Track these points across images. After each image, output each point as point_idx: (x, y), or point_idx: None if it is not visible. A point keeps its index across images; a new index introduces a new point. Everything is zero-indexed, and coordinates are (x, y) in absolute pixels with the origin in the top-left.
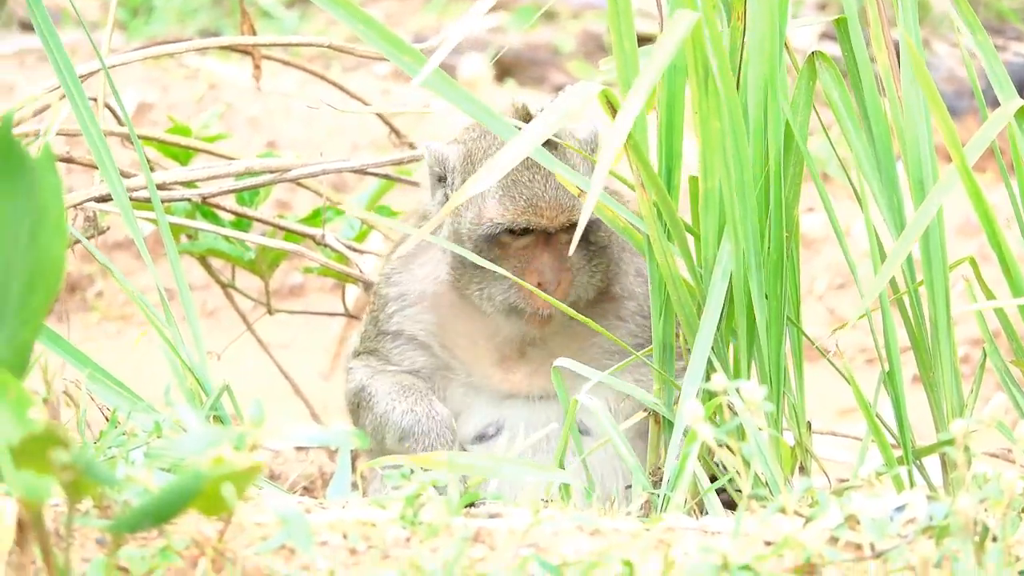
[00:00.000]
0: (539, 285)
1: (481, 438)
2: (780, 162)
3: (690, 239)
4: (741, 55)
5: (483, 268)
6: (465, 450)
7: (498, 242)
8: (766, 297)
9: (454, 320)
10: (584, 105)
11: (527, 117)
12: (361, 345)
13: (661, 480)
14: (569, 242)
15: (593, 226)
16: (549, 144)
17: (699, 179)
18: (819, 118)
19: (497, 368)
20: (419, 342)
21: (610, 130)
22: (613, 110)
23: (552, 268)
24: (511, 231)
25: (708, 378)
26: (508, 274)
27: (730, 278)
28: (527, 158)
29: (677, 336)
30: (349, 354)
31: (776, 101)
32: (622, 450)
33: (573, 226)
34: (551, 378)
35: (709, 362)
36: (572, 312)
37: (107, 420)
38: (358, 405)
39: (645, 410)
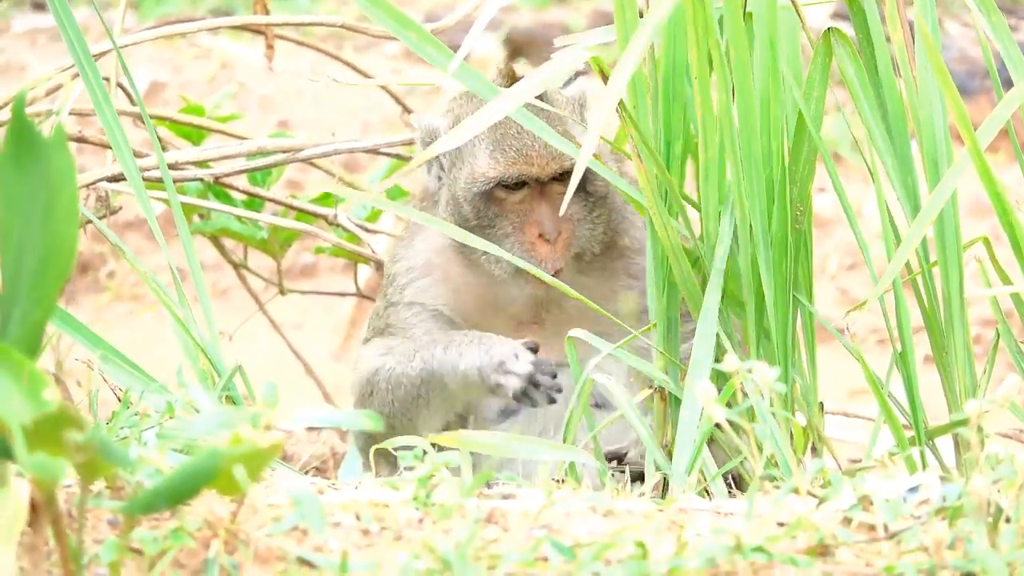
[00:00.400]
0: (540, 237)
1: (504, 413)
2: (783, 137)
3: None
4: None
5: (487, 230)
6: (488, 428)
7: (494, 198)
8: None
9: (468, 295)
10: (570, 69)
11: (511, 74)
12: (370, 329)
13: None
14: (564, 193)
15: (588, 176)
16: (540, 97)
17: (699, 150)
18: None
19: (516, 338)
20: (445, 317)
21: (601, 88)
22: (605, 78)
23: (551, 218)
24: (505, 185)
25: (717, 359)
26: (490, 248)
27: (736, 255)
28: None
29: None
30: (361, 338)
31: (777, 76)
32: (635, 422)
33: (566, 175)
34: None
35: (717, 339)
36: (566, 288)
37: (119, 401)
38: (371, 392)
39: (650, 385)
